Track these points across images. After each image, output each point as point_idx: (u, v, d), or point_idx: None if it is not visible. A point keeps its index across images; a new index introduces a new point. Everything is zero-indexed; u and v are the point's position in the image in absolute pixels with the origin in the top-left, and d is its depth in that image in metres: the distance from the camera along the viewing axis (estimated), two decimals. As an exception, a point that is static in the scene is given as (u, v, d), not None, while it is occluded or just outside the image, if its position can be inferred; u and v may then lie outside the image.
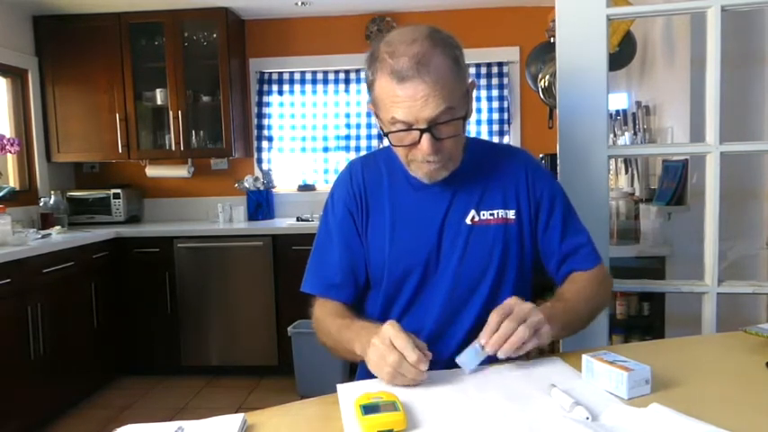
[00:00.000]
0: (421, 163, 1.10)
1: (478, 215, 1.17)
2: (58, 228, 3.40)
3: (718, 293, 1.43)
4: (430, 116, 1.02)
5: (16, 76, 3.68)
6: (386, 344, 0.92)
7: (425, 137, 1.04)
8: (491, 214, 1.17)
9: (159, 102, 3.82)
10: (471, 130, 3.82)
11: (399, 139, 1.08)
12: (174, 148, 3.80)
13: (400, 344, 0.91)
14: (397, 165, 1.19)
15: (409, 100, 1.01)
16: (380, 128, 1.14)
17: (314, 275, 1.24)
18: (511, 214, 1.18)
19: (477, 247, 1.16)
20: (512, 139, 3.96)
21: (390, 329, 0.94)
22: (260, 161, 4.11)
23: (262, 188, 3.95)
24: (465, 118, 1.09)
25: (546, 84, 3.01)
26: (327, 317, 1.16)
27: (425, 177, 1.13)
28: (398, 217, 1.18)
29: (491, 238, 1.17)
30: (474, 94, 1.18)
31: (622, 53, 2.63)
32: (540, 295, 1.30)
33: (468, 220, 1.17)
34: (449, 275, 1.16)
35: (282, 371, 3.49)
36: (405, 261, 1.17)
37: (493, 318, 0.97)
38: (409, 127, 1.04)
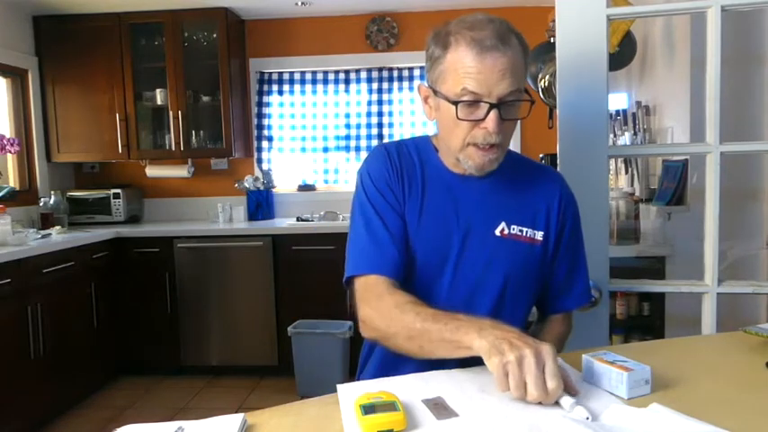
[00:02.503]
0: (478, 149, 1.06)
1: (508, 228, 1.13)
2: (58, 228, 3.40)
3: (718, 293, 1.43)
4: (503, 92, 1.01)
5: (16, 76, 3.68)
6: (533, 353, 0.81)
7: (493, 113, 1.01)
8: (520, 230, 1.14)
9: (159, 102, 3.82)
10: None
11: (467, 113, 1.03)
12: (174, 148, 3.80)
13: (550, 365, 0.81)
14: (429, 156, 1.16)
15: (487, 71, 1.00)
16: (428, 110, 1.12)
17: (373, 256, 1.09)
18: (539, 235, 1.15)
19: (501, 260, 1.12)
20: (512, 138, 3.95)
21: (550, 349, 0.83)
22: (260, 161, 4.11)
23: (262, 188, 3.95)
24: (531, 104, 1.07)
25: (546, 84, 3.02)
26: (407, 303, 1.01)
27: (476, 168, 1.08)
28: (427, 210, 1.13)
29: (517, 255, 1.13)
30: None
31: (622, 53, 2.63)
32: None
33: (497, 232, 1.13)
34: (467, 283, 1.12)
35: (282, 371, 3.49)
36: (425, 258, 1.12)
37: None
38: (479, 99, 1.02)
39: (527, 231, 1.15)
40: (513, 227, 1.14)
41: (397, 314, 1.01)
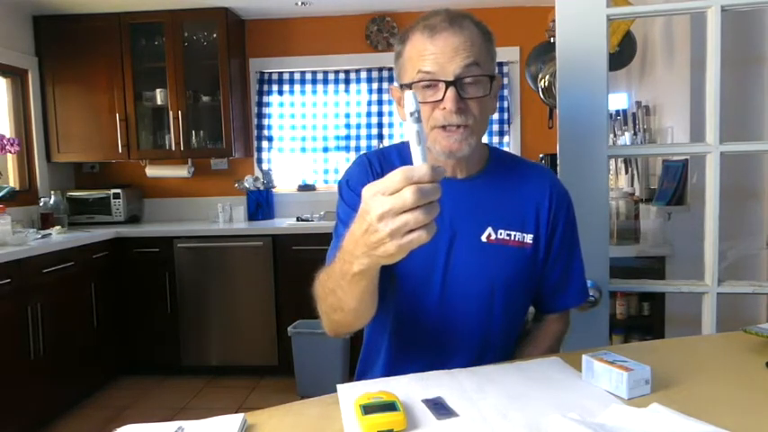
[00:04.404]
0: (443, 131, 1.03)
1: (495, 233, 1.10)
2: (58, 228, 3.40)
3: (718, 293, 1.43)
4: (458, 67, 1.00)
5: (16, 76, 3.68)
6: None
7: (450, 91, 1.00)
8: (508, 234, 1.11)
9: (159, 102, 3.82)
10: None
11: (425, 95, 1.02)
12: (174, 148, 3.80)
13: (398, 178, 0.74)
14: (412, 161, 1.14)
15: (438, 51, 1.01)
16: (401, 112, 1.07)
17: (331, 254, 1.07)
18: (528, 238, 1.12)
19: (489, 268, 1.10)
20: (512, 138, 3.96)
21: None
22: (260, 161, 4.11)
23: (262, 188, 3.95)
24: (492, 80, 1.05)
25: (546, 84, 3.02)
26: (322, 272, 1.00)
27: (444, 152, 1.04)
28: None
29: (506, 261, 1.10)
30: (498, 91, 1.13)
31: (622, 53, 2.63)
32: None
33: (483, 238, 1.10)
34: (457, 294, 1.09)
35: (282, 371, 3.49)
36: (411, 272, 1.08)
37: None
38: (435, 79, 1.01)
39: (515, 235, 1.11)
40: (500, 231, 1.11)
41: (317, 286, 1.02)
